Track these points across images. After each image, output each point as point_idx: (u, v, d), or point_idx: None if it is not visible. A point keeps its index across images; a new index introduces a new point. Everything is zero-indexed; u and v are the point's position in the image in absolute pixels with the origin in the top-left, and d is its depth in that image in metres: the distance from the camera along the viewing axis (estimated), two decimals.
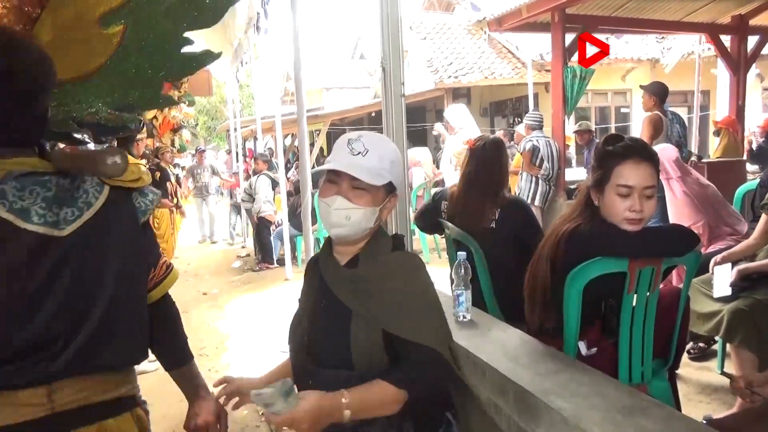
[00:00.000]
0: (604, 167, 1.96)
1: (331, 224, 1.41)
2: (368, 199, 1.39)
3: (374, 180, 1.37)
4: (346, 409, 1.26)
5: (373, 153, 1.40)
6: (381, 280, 1.40)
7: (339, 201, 1.38)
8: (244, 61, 8.63)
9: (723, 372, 3.29)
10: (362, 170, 1.36)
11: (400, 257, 1.47)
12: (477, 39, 14.06)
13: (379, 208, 1.42)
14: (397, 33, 2.83)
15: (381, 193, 1.42)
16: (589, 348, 1.99)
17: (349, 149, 1.41)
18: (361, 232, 1.42)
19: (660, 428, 1.40)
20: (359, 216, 1.39)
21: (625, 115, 14.24)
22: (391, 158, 1.43)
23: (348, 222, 1.39)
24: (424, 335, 1.35)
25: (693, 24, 7.28)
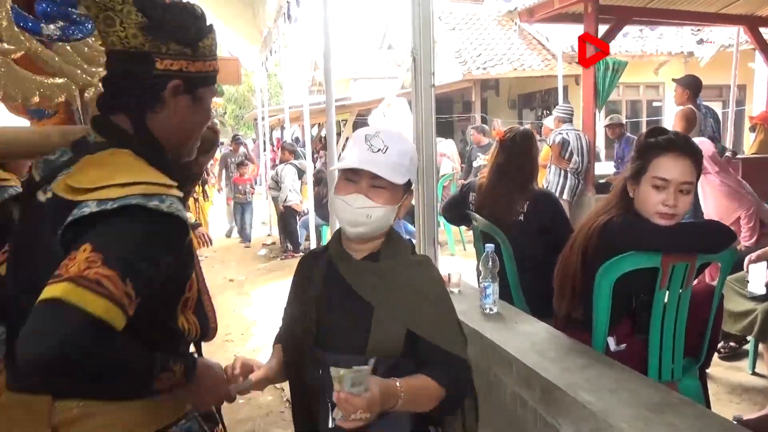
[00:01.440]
0: (643, 158, 1.93)
1: (350, 222, 1.37)
2: (388, 197, 1.36)
3: (396, 178, 1.34)
4: (399, 399, 1.26)
5: (393, 150, 1.36)
6: (405, 275, 1.40)
7: (361, 200, 1.35)
8: (274, 50, 8.67)
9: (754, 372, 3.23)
10: (385, 168, 1.33)
11: (423, 259, 1.49)
12: (506, 30, 13.89)
13: (397, 206, 1.40)
14: (429, 23, 2.82)
15: (400, 190, 1.39)
16: (618, 344, 1.97)
17: (368, 146, 1.36)
18: (379, 230, 1.40)
19: (691, 426, 1.38)
20: (380, 214, 1.36)
21: (657, 109, 13.97)
22: (411, 155, 1.41)
23: (369, 221, 1.35)
24: (456, 345, 1.37)
25: (731, 16, 7.08)
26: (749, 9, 6.96)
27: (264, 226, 10.67)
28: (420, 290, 1.39)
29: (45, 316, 0.92)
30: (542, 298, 2.64)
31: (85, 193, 1.05)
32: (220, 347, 4.64)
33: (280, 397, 3.63)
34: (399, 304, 1.36)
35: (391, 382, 1.26)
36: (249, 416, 3.43)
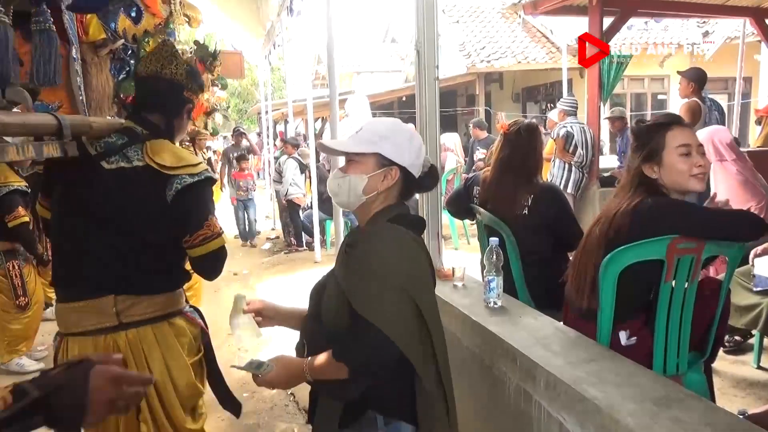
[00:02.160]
0: (654, 138, 1.97)
1: (330, 192, 1.59)
2: (356, 168, 1.52)
3: (351, 149, 1.52)
4: (306, 375, 1.45)
5: (365, 129, 1.55)
6: (356, 245, 1.49)
7: (335, 172, 1.58)
8: (277, 44, 8.64)
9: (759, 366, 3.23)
10: (349, 143, 1.54)
11: (385, 229, 1.51)
12: (510, 23, 13.84)
13: (368, 176, 1.50)
14: (432, 16, 2.80)
15: (370, 163, 1.51)
16: (630, 338, 1.96)
17: (356, 131, 1.57)
18: (354, 200, 1.53)
19: (697, 421, 1.37)
20: (346, 183, 1.52)
21: (662, 102, 13.90)
22: (380, 133, 1.52)
23: (339, 189, 1.54)
24: (372, 311, 1.38)
25: (737, 8, 7.02)
26: (756, 0, 6.90)
27: (268, 220, 10.68)
28: (360, 257, 1.46)
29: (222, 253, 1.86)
30: (546, 291, 2.64)
31: (175, 169, 1.79)
32: (224, 341, 4.65)
33: (284, 391, 3.63)
34: (348, 276, 1.46)
35: (297, 361, 1.50)
36: (254, 410, 3.44)
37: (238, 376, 3.95)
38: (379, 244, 1.47)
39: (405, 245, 1.48)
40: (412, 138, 1.57)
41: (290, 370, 1.48)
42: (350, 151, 1.52)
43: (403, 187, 1.56)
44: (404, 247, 1.47)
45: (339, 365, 1.39)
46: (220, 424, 3.34)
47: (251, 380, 1.58)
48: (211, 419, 3.43)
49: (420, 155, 1.56)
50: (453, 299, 2.43)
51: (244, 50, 10.67)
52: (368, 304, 1.39)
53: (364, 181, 1.50)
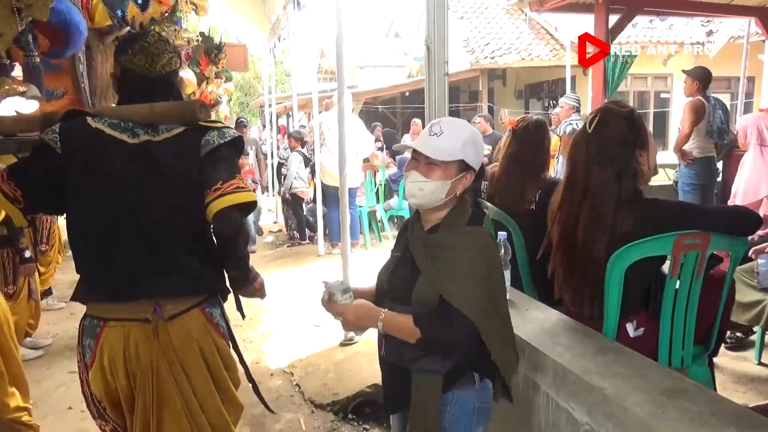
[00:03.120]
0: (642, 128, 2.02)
1: (407, 193, 1.64)
2: (440, 173, 1.58)
3: (440, 156, 1.56)
4: (380, 321, 1.56)
5: (447, 134, 1.58)
6: (449, 248, 1.58)
7: (413, 175, 1.61)
8: (282, 37, 8.65)
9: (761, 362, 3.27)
10: (431, 148, 1.57)
11: (472, 231, 1.62)
12: (515, 19, 13.84)
13: (451, 182, 1.58)
14: (443, 12, 2.83)
15: (453, 168, 1.59)
16: (637, 329, 2.00)
17: (429, 131, 1.62)
18: (435, 202, 1.60)
19: (704, 411, 1.41)
20: (430, 188, 1.58)
21: (665, 100, 13.91)
22: (464, 139, 1.60)
23: (421, 192, 1.59)
24: (457, 299, 1.51)
25: (742, 7, 7.04)
26: (760, 0, 6.92)
27: (270, 214, 10.71)
28: (456, 259, 1.55)
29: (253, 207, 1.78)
30: (552, 285, 2.67)
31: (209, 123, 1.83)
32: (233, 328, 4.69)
33: (290, 381, 3.68)
34: (438, 273, 1.55)
35: (375, 307, 1.60)
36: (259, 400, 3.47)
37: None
38: (475, 247, 1.57)
39: (490, 246, 1.60)
40: (482, 142, 1.69)
41: (366, 310, 1.59)
42: (441, 159, 1.57)
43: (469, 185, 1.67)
44: (489, 248, 1.60)
45: (413, 330, 1.53)
46: None
47: (256, 370, 1.60)
48: None
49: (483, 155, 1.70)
50: None
51: (248, 43, 10.69)
52: (456, 293, 1.52)
53: (447, 186, 1.58)
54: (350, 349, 3.97)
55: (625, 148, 1.96)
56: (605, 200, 1.96)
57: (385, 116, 16.11)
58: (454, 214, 1.64)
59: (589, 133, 2.00)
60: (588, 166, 2.00)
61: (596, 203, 1.98)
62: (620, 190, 1.94)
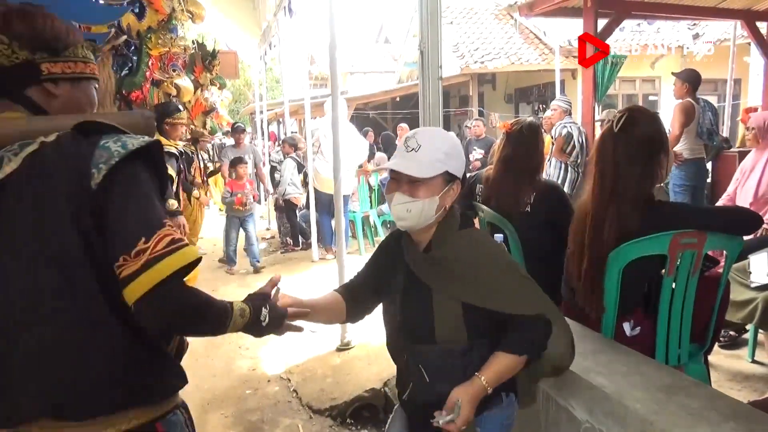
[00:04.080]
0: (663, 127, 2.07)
1: (395, 218, 1.53)
2: (426, 190, 1.48)
3: (424, 173, 1.46)
4: (487, 386, 1.46)
5: (426, 147, 1.48)
6: (453, 260, 1.51)
7: (397, 197, 1.50)
8: (273, 44, 8.67)
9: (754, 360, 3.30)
10: (412, 166, 1.46)
11: (466, 234, 1.56)
12: (504, 24, 13.94)
13: (438, 197, 1.49)
14: (436, 17, 2.85)
15: (439, 182, 1.49)
16: (634, 328, 2.02)
17: (405, 147, 1.51)
18: (426, 221, 1.51)
19: (703, 407, 1.43)
20: (418, 208, 1.48)
21: (653, 103, 14.02)
22: (445, 149, 1.50)
23: (409, 214, 1.49)
24: (517, 303, 1.48)
25: (728, 10, 7.13)
26: (746, 3, 7.01)
27: (263, 220, 10.69)
28: (469, 264, 1.50)
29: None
30: (548, 287, 2.69)
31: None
32: (225, 338, 4.68)
33: (287, 387, 3.67)
34: (452, 283, 1.50)
35: (475, 383, 1.46)
36: (257, 406, 3.47)
37: (240, 372, 4.00)
38: (479, 247, 1.54)
39: (487, 238, 1.60)
40: (462, 148, 1.62)
41: (473, 394, 1.45)
42: (425, 177, 1.47)
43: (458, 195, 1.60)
44: (488, 240, 1.59)
45: (519, 359, 1.47)
46: (224, 421, 3.37)
47: (253, 377, 1.52)
48: (214, 416, 3.47)
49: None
50: None
51: (239, 50, 10.70)
52: (510, 300, 1.48)
53: (436, 202, 1.49)
54: (347, 353, 3.98)
55: (651, 149, 1.98)
56: (627, 201, 1.98)
57: (376, 122, 16.14)
58: (445, 226, 1.56)
59: (616, 132, 2.00)
60: (617, 166, 2.00)
61: (622, 203, 1.99)
62: (638, 193, 1.97)
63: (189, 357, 1.21)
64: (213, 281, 6.54)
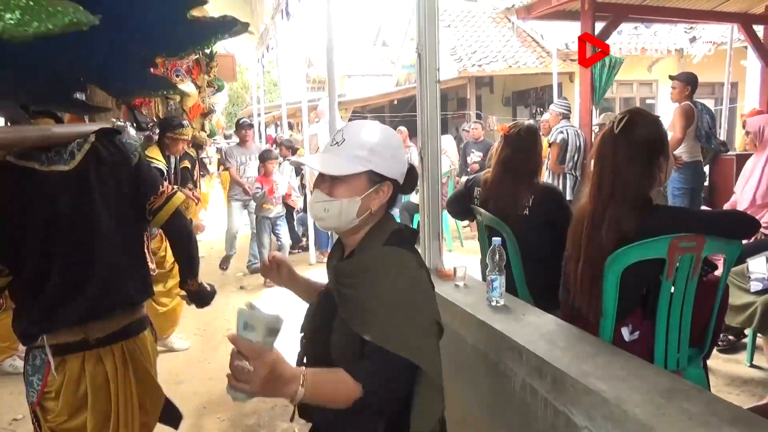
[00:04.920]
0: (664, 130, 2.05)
1: (314, 217, 1.42)
2: (345, 190, 1.33)
3: (339, 171, 1.32)
4: (301, 385, 1.13)
5: (350, 141, 1.34)
6: (358, 276, 1.33)
7: (316, 194, 1.38)
8: (270, 47, 8.66)
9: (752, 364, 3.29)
10: (328, 163, 1.33)
11: (385, 253, 1.36)
12: (501, 27, 13.95)
13: (360, 198, 1.34)
14: (434, 20, 2.84)
15: (362, 182, 1.34)
16: (632, 333, 2.02)
17: (331, 140, 1.38)
18: (345, 224, 1.37)
19: (703, 411, 1.42)
20: (336, 207, 1.34)
21: (650, 106, 14.04)
22: (370, 146, 1.34)
23: (327, 214, 1.35)
24: (390, 339, 1.23)
25: (725, 14, 7.16)
26: (743, 7, 7.04)
27: None
28: (366, 285, 1.30)
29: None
30: (546, 290, 2.69)
31: None
32: (222, 341, 4.66)
33: None
34: (349, 305, 1.31)
35: (295, 369, 1.15)
36: (254, 410, 3.45)
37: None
38: (388, 271, 1.31)
39: (409, 266, 1.34)
40: (399, 145, 1.43)
41: (283, 369, 1.11)
42: (341, 174, 1.32)
43: (391, 199, 1.42)
44: (408, 269, 1.33)
45: (353, 388, 1.19)
46: (220, 425, 3.35)
47: None
48: (211, 420, 3.45)
49: (405, 161, 1.43)
50: (456, 298, 2.46)
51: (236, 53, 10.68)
52: (383, 332, 1.24)
53: (357, 203, 1.34)
54: None
55: (651, 152, 1.97)
56: (625, 202, 1.97)
57: None
58: (370, 235, 1.39)
59: (616, 134, 2.00)
60: (616, 167, 1.99)
61: (620, 205, 1.98)
62: (637, 195, 1.96)
63: (186, 360, 1.20)
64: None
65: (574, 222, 2.19)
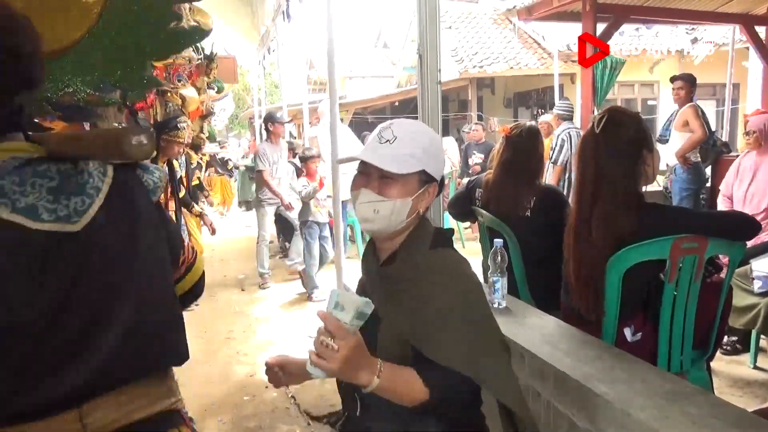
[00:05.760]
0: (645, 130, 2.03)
1: (360, 218, 1.32)
2: (398, 190, 1.27)
3: (399, 168, 1.25)
4: (377, 375, 1.16)
5: (402, 140, 1.29)
6: (412, 283, 1.28)
7: (365, 194, 1.30)
8: (271, 49, 8.66)
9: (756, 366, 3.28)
10: (384, 158, 1.26)
11: (439, 257, 1.32)
12: (502, 29, 13.96)
13: (411, 199, 1.29)
14: (435, 21, 2.84)
15: (414, 182, 1.30)
16: (635, 334, 2.00)
17: (378, 138, 1.31)
18: (394, 226, 1.30)
19: (706, 414, 1.41)
20: (388, 209, 1.27)
21: (651, 107, 14.03)
22: (423, 145, 1.30)
23: (377, 216, 1.28)
24: (455, 359, 1.21)
25: (727, 14, 7.14)
26: (745, 8, 7.02)
27: None
28: (423, 297, 1.26)
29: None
30: (548, 292, 2.68)
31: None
32: (223, 344, 4.66)
33: (285, 394, 3.64)
34: (403, 316, 1.27)
35: (373, 358, 1.17)
36: (255, 413, 3.45)
37: (237, 378, 3.97)
38: (447, 278, 1.28)
39: (465, 270, 1.31)
40: (441, 145, 1.44)
41: (365, 355, 1.15)
42: (401, 173, 1.26)
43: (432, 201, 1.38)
44: (465, 273, 1.31)
45: (421, 389, 1.20)
46: (221, 428, 3.34)
47: (251, 383, 1.41)
48: (211, 422, 3.44)
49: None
50: None
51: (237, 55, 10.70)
52: (448, 350, 1.22)
53: (408, 205, 1.29)
54: None
55: (633, 148, 1.97)
56: (613, 200, 1.96)
57: (375, 126, 16.13)
58: (413, 238, 1.33)
59: (597, 133, 2.00)
60: (598, 167, 1.99)
61: (606, 203, 1.98)
62: (625, 191, 1.95)
63: (186, 363, 1.19)
64: (212, 287, 6.46)
65: (568, 224, 2.19)
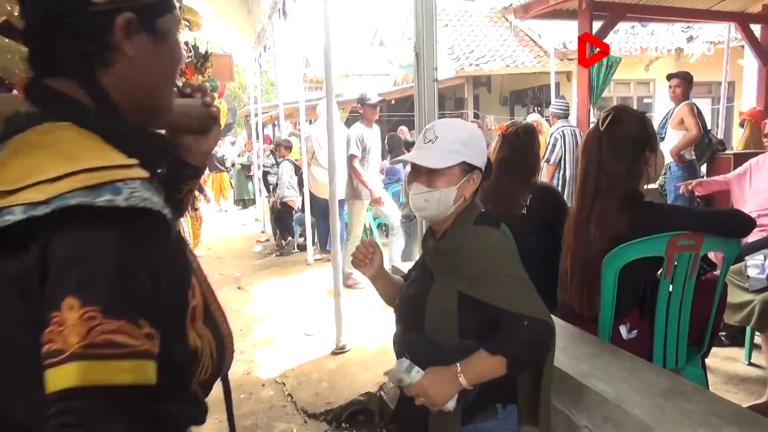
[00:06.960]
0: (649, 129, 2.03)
1: (414, 208, 1.58)
2: (444, 180, 1.50)
3: (441, 163, 1.49)
4: (462, 378, 1.40)
5: (443, 138, 1.52)
6: (457, 251, 1.51)
7: (416, 187, 1.54)
8: (267, 47, 8.65)
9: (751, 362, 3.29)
10: (428, 158, 1.50)
11: (481, 231, 1.53)
12: (499, 27, 13.97)
13: (456, 187, 1.51)
14: (431, 19, 2.84)
15: (457, 172, 1.51)
16: (630, 331, 2.01)
17: (423, 139, 1.55)
18: (444, 211, 1.53)
19: (703, 411, 1.42)
20: (435, 197, 1.51)
21: (647, 105, 14.06)
22: (463, 139, 1.52)
23: (427, 204, 1.52)
24: (513, 302, 1.42)
25: (722, 13, 7.17)
26: (740, 6, 7.05)
27: (258, 223, 10.67)
28: (472, 259, 1.48)
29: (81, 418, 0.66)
30: (544, 290, 2.68)
31: (7, 195, 0.71)
32: None
33: (282, 392, 3.64)
34: (453, 274, 1.49)
35: (448, 369, 1.41)
36: (252, 411, 3.44)
37: (234, 376, 3.96)
38: (483, 239, 1.50)
39: (500, 241, 1.52)
40: (482, 137, 1.63)
41: (443, 375, 1.41)
42: (441, 167, 1.49)
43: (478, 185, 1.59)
44: (501, 243, 1.52)
45: (497, 360, 1.39)
46: (218, 426, 3.32)
47: (248, 381, 1.50)
48: (209, 421, 3.43)
49: (486, 151, 1.63)
50: None
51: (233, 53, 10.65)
52: (514, 299, 1.42)
53: (454, 192, 1.52)
54: (342, 357, 3.95)
55: (636, 148, 1.97)
56: (613, 198, 1.97)
57: None
58: (461, 218, 1.56)
59: (601, 131, 2.00)
60: (601, 164, 2.00)
61: (607, 201, 1.98)
62: (626, 190, 1.96)
63: None
64: None
65: (567, 222, 2.19)
